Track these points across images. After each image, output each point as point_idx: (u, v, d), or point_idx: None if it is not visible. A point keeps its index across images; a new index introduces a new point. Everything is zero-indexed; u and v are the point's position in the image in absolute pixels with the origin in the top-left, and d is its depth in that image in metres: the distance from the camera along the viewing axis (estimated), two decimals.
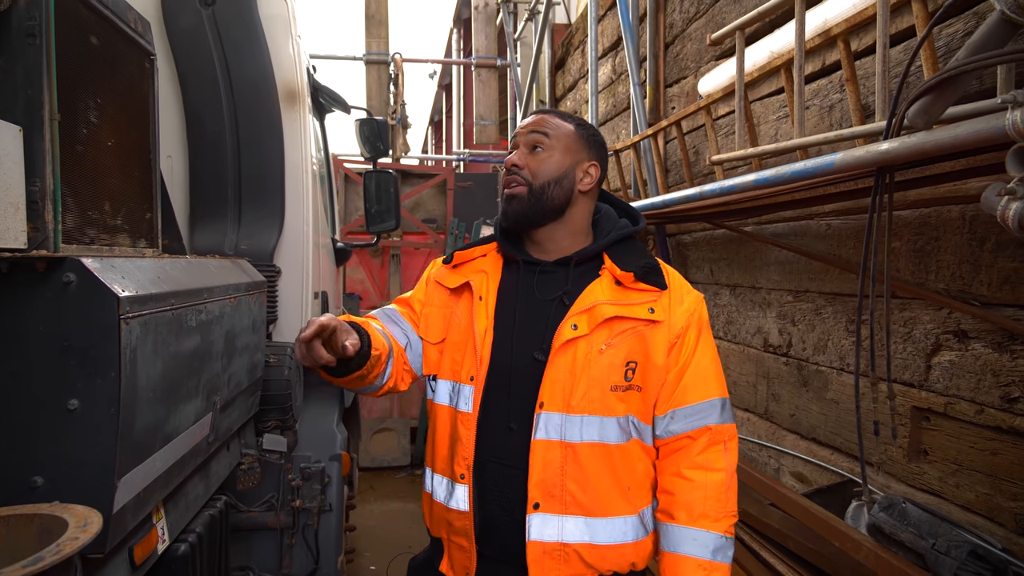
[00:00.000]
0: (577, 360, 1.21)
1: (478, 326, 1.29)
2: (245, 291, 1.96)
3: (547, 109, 1.38)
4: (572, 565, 1.21)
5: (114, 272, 1.20)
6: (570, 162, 1.29)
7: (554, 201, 1.28)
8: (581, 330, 1.21)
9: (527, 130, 1.31)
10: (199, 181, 2.60)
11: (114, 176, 1.62)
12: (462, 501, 1.27)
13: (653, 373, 1.23)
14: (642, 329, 1.22)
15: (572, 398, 1.21)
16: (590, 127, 1.35)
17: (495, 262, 1.37)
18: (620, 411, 1.22)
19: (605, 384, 1.21)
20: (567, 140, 1.30)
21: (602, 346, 1.21)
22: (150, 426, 1.29)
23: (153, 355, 1.28)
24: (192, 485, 1.73)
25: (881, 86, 1.59)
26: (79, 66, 1.44)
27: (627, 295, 1.24)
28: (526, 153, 1.30)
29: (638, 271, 1.24)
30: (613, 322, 1.22)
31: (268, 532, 2.51)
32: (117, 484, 1.16)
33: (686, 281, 1.32)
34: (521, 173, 1.28)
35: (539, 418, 1.21)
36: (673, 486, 1.23)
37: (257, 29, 2.67)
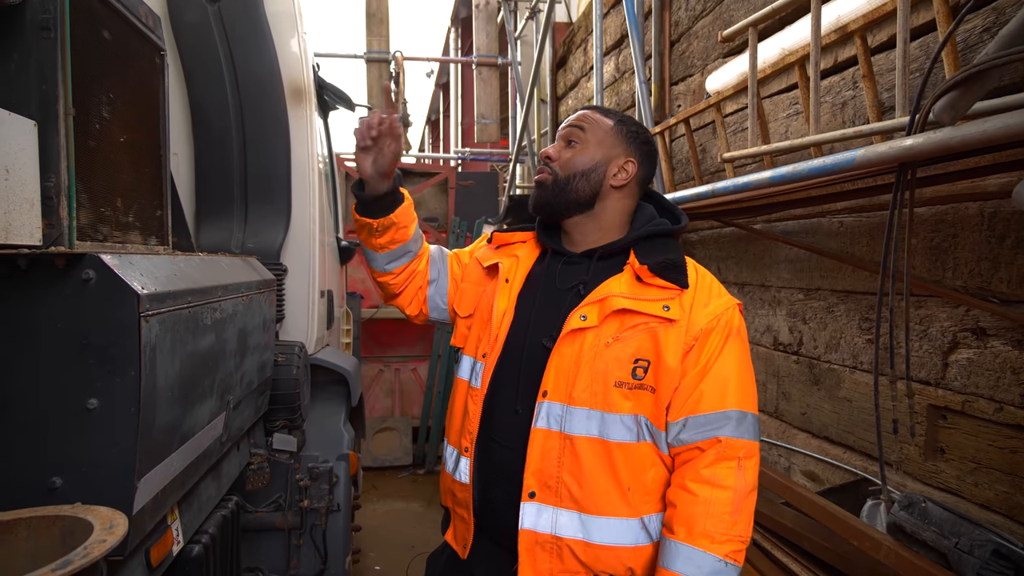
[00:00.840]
0: (584, 351, 1.19)
1: (498, 307, 1.30)
2: (256, 289, 1.94)
3: (594, 105, 1.38)
4: (565, 561, 1.18)
5: (133, 269, 1.19)
6: (602, 156, 1.28)
7: (579, 193, 1.27)
8: (590, 321, 1.19)
9: (567, 124, 1.32)
10: (205, 178, 2.58)
11: (126, 172, 1.60)
12: (464, 473, 1.28)
13: (666, 375, 1.17)
14: (655, 326, 1.18)
15: (575, 389, 1.18)
16: (635, 125, 1.33)
17: (532, 249, 1.38)
18: (626, 408, 1.18)
19: (608, 378, 1.18)
20: (602, 134, 1.29)
21: (610, 339, 1.19)
22: (168, 426, 1.27)
23: (171, 353, 1.26)
24: (205, 486, 1.72)
25: (901, 82, 1.57)
26: (92, 60, 1.42)
27: (643, 290, 1.21)
28: (561, 146, 1.31)
29: (654, 265, 1.21)
30: (624, 315, 1.19)
31: (276, 532, 2.49)
32: (137, 485, 1.14)
33: (720, 286, 1.27)
34: (551, 164, 1.30)
35: (541, 406, 1.20)
36: (676, 498, 1.17)
37: (263, 25, 2.65)
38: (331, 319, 3.22)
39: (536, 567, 1.19)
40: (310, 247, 2.75)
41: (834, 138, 1.81)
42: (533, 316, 1.28)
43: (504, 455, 1.25)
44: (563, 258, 1.31)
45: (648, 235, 1.28)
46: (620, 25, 4.68)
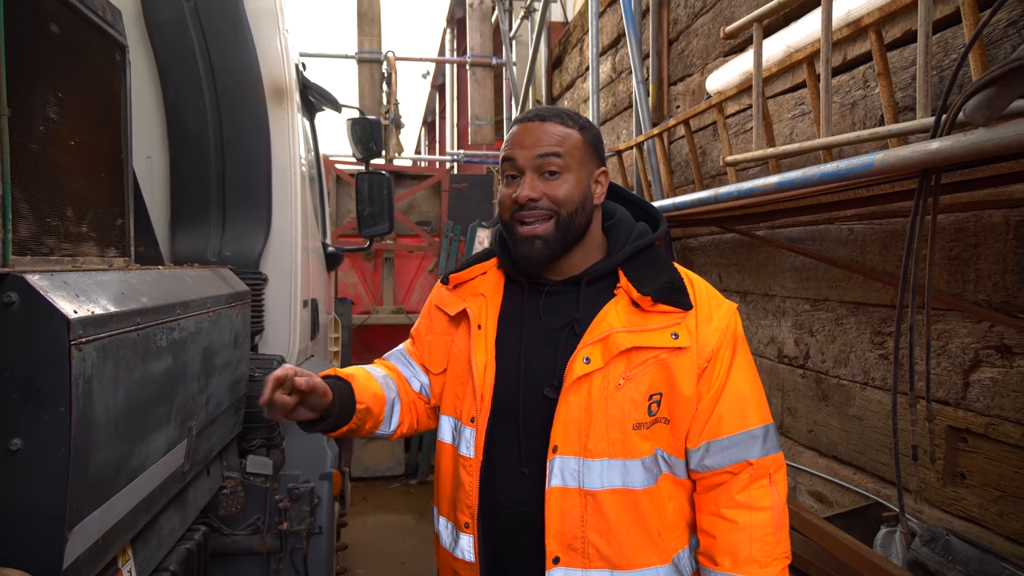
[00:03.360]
0: (593, 397, 1.07)
1: (476, 361, 1.16)
2: (226, 303, 1.80)
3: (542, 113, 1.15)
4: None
5: (66, 289, 1.05)
6: (586, 178, 1.13)
7: (579, 228, 1.13)
8: (595, 363, 1.07)
9: (532, 153, 1.10)
10: (180, 183, 2.45)
11: (78, 178, 1.47)
12: (468, 552, 1.16)
13: (681, 404, 1.09)
14: (665, 357, 1.08)
15: (589, 440, 1.07)
16: (590, 124, 1.17)
17: (496, 281, 1.22)
18: (645, 451, 1.08)
19: (626, 423, 1.07)
20: (579, 154, 1.12)
21: (620, 380, 1.07)
22: (110, 464, 1.13)
23: (113, 383, 1.12)
24: (166, 519, 1.58)
25: (923, 79, 1.44)
26: (35, 56, 1.28)
27: (646, 319, 1.09)
28: (537, 180, 1.10)
29: (656, 293, 1.09)
30: (631, 353, 1.08)
31: (254, 557, 2.35)
32: (68, 536, 1.00)
33: (714, 290, 1.16)
34: (541, 204, 1.09)
35: (553, 463, 1.08)
36: (714, 527, 1.09)
37: (242, 22, 2.53)
38: (316, 329, 3.09)
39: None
40: (292, 254, 2.62)
41: (848, 141, 1.68)
42: (524, 363, 1.14)
43: (514, 520, 1.13)
44: (544, 288, 1.16)
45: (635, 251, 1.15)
46: (617, 24, 4.55)
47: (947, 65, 1.82)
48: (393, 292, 5.99)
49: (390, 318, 5.84)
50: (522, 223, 1.11)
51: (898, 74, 1.99)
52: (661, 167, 3.30)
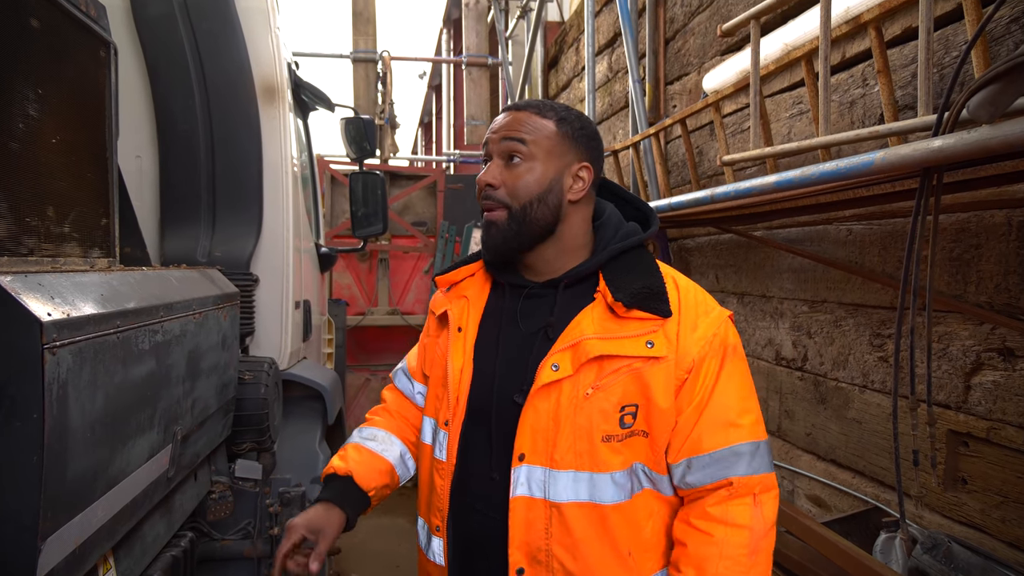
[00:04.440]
0: (562, 406, 1.02)
1: (453, 364, 1.13)
2: (213, 305, 1.76)
3: (520, 104, 1.13)
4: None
5: (41, 291, 1.01)
6: (555, 170, 1.08)
7: (540, 222, 1.08)
8: (564, 370, 1.02)
9: (499, 136, 1.09)
10: (170, 183, 2.42)
11: (60, 177, 1.43)
12: (438, 554, 1.14)
13: (658, 417, 1.02)
14: (639, 367, 1.01)
15: (556, 450, 1.02)
16: (576, 118, 1.12)
17: (482, 283, 1.19)
18: (616, 465, 1.02)
19: (594, 434, 1.02)
20: (548, 143, 1.08)
21: (588, 389, 1.02)
22: (87, 472, 1.09)
23: (91, 388, 1.08)
24: (150, 526, 1.54)
25: (924, 76, 1.41)
26: (14, 53, 1.25)
27: (621, 326, 1.03)
28: (501, 167, 1.09)
29: (630, 298, 1.03)
30: (603, 361, 1.02)
31: (244, 562, 2.31)
32: (41, 547, 0.96)
33: (705, 296, 1.09)
34: (496, 195, 1.08)
35: (519, 472, 1.04)
36: (686, 537, 1.03)
37: (233, 20, 2.50)
38: (308, 330, 3.05)
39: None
40: (284, 255, 2.58)
41: (847, 139, 1.65)
42: (498, 367, 1.10)
43: (484, 524, 1.09)
44: (523, 291, 1.13)
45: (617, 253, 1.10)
46: (613, 23, 4.52)
47: (948, 63, 1.79)
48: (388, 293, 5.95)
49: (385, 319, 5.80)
50: (484, 208, 1.10)
51: (898, 72, 1.96)
52: (657, 167, 3.27)
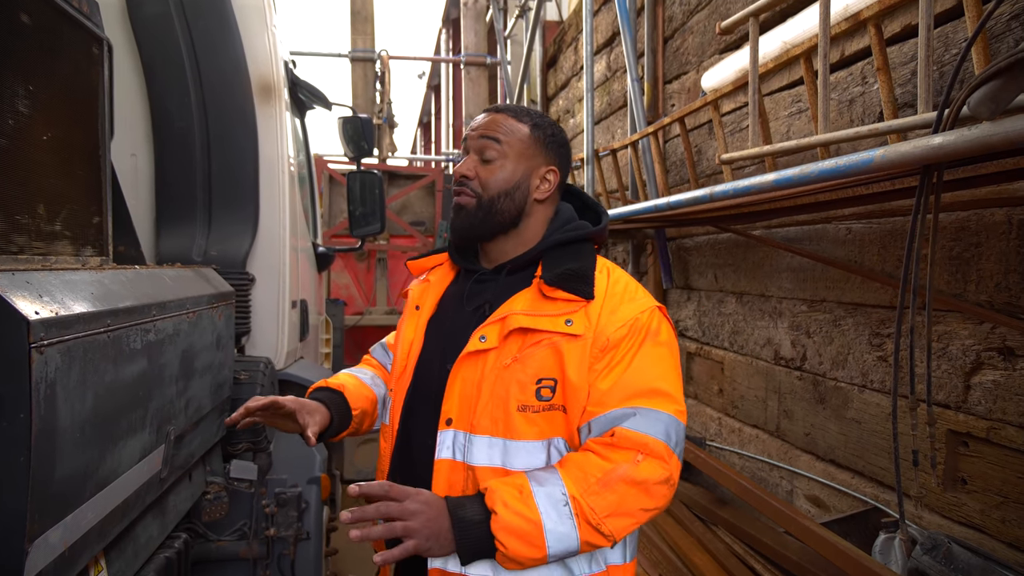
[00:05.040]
0: (485, 375, 1.10)
1: (404, 337, 1.25)
2: (207, 304, 1.75)
3: (500, 107, 1.25)
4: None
5: (28, 289, 0.99)
6: (524, 170, 1.19)
7: (504, 214, 1.18)
8: (490, 342, 1.10)
9: (477, 134, 1.20)
10: (165, 181, 2.40)
11: (51, 175, 1.41)
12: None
13: (572, 393, 1.07)
14: (557, 341, 1.08)
15: (475, 416, 1.10)
16: (549, 125, 1.23)
17: (446, 271, 1.31)
18: (531, 435, 1.08)
19: (510, 403, 1.08)
20: (521, 145, 1.19)
21: (508, 360, 1.09)
22: (77, 473, 1.08)
23: (80, 387, 1.07)
24: (143, 527, 1.52)
25: (924, 73, 1.40)
26: (4, 48, 1.23)
27: (546, 305, 1.11)
28: (477, 161, 1.20)
29: (553, 278, 1.12)
30: (526, 334, 1.09)
31: (240, 563, 2.30)
32: (28, 549, 0.95)
33: (638, 290, 1.15)
34: (470, 184, 1.19)
35: (445, 435, 1.12)
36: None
37: (229, 18, 2.48)
38: (306, 330, 3.03)
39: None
40: (280, 254, 2.57)
41: (847, 137, 1.64)
42: (444, 342, 1.19)
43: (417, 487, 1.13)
44: (474, 276, 1.23)
45: (560, 243, 1.18)
46: (612, 22, 4.51)
47: (947, 60, 1.78)
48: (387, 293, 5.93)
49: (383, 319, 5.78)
50: (456, 194, 1.21)
51: (897, 70, 1.95)
52: (656, 166, 3.26)
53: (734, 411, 3.05)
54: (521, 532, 0.97)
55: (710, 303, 3.27)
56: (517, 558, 0.98)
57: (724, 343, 3.14)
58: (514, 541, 0.97)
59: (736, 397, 3.02)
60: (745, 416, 2.95)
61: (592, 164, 3.71)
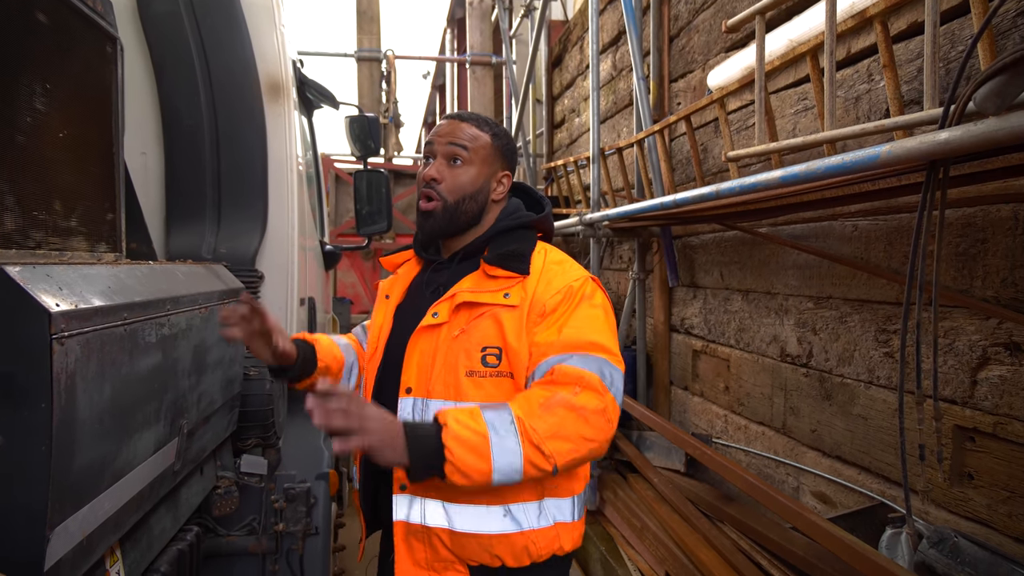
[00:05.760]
0: (439, 346, 1.23)
1: (375, 322, 1.41)
2: (219, 300, 1.77)
3: (464, 115, 1.36)
4: (436, 549, 1.22)
5: (48, 282, 1.01)
6: (486, 175, 1.32)
7: (468, 215, 1.31)
8: (441, 317, 1.24)
9: (445, 140, 1.31)
10: (175, 179, 2.42)
11: (67, 172, 1.43)
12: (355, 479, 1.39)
13: (515, 358, 1.20)
14: (497, 312, 1.22)
15: (430, 383, 1.23)
16: (505, 136, 1.36)
17: (414, 263, 1.45)
18: (476, 398, 1.20)
19: (459, 369, 1.21)
20: (484, 152, 1.32)
21: (456, 331, 1.23)
22: (94, 462, 1.09)
23: (98, 379, 1.09)
24: (156, 519, 1.54)
25: (930, 70, 1.41)
26: (21, 47, 1.25)
27: (488, 283, 1.25)
28: (444, 165, 1.30)
29: (492, 257, 1.26)
30: (471, 308, 1.23)
31: (249, 557, 2.32)
32: (49, 536, 0.97)
33: (571, 265, 1.28)
34: (438, 188, 1.29)
35: (404, 403, 1.25)
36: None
37: (238, 17, 2.50)
38: (313, 328, 3.05)
39: (413, 556, 1.23)
40: (289, 252, 2.59)
41: (853, 134, 1.65)
42: (405, 324, 1.31)
43: None
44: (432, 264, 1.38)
45: (504, 230, 1.32)
46: (617, 21, 4.52)
47: (954, 57, 1.78)
48: None
49: None
50: (424, 198, 1.31)
51: (903, 67, 1.96)
52: (662, 164, 3.27)
53: (740, 408, 3.06)
54: (469, 443, 1.05)
55: (716, 301, 3.28)
56: (464, 469, 1.05)
57: (730, 340, 3.15)
58: (462, 450, 1.05)
59: (742, 394, 3.03)
60: (751, 413, 2.96)
61: (598, 163, 3.72)
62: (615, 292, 4.81)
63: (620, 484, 3.49)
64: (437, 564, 1.22)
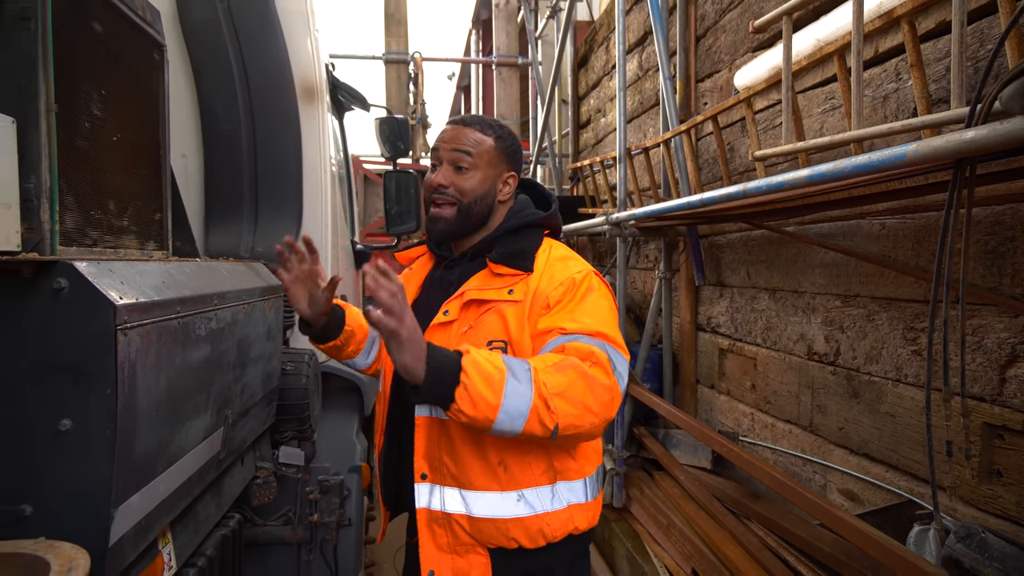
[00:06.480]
0: (450, 342, 1.28)
1: None
2: (260, 296, 1.84)
3: (467, 119, 1.40)
4: (457, 534, 1.28)
5: (112, 277, 1.08)
6: (492, 177, 1.37)
7: (478, 216, 1.37)
8: (451, 315, 1.30)
9: (450, 147, 1.35)
10: (214, 181, 2.50)
11: (120, 173, 1.51)
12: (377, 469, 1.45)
13: (520, 350, 1.26)
14: (502, 308, 1.28)
15: None
16: (508, 137, 1.40)
17: (427, 260, 1.51)
18: None
19: None
20: (488, 156, 1.36)
21: (465, 328, 1.29)
22: (152, 447, 1.16)
23: (155, 368, 1.16)
24: (203, 505, 1.62)
25: (958, 69, 1.43)
26: (80, 54, 1.32)
27: (494, 280, 1.31)
28: (451, 171, 1.35)
29: (497, 256, 1.32)
30: (479, 305, 1.30)
31: (285, 547, 2.39)
32: (113, 514, 1.03)
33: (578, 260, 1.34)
34: (447, 192, 1.34)
35: None
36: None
37: (274, 23, 2.57)
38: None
39: (436, 541, 1.29)
40: (322, 251, 2.65)
41: (880, 133, 1.66)
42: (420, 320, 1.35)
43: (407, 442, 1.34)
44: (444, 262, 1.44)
45: (512, 229, 1.37)
46: (643, 21, 4.54)
47: (983, 56, 1.79)
48: None
49: None
50: (434, 204, 1.36)
51: (931, 66, 1.96)
52: (689, 164, 3.29)
53: (767, 407, 3.07)
54: (486, 373, 1.07)
55: (743, 300, 3.29)
56: (474, 397, 1.06)
57: (757, 339, 3.16)
58: (478, 378, 1.06)
59: (769, 393, 3.04)
60: (778, 412, 2.97)
61: (625, 162, 3.75)
62: (641, 291, 4.82)
63: (646, 482, 3.52)
64: (459, 548, 1.28)
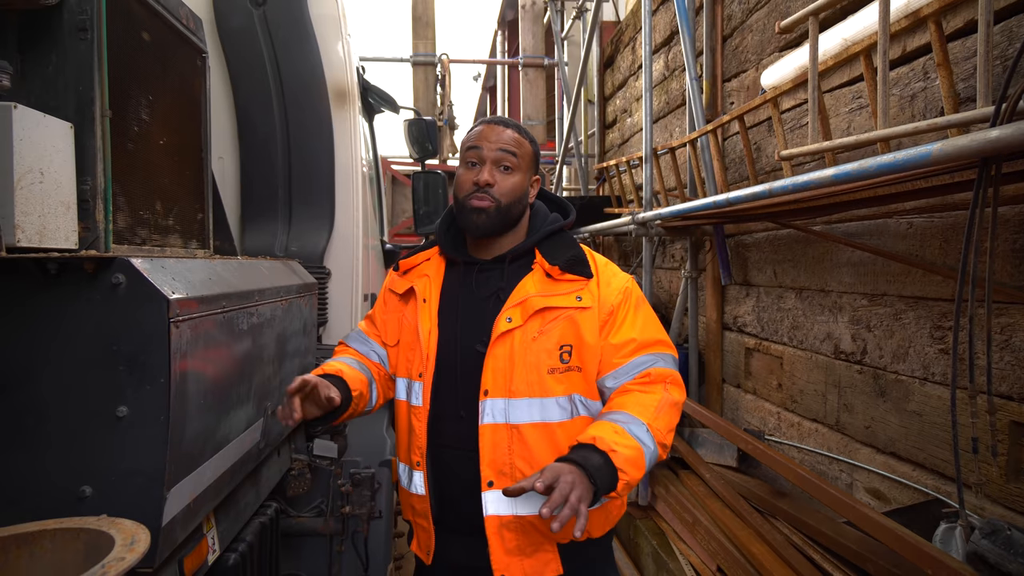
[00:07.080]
0: (515, 349, 1.32)
1: (423, 327, 1.42)
2: (296, 293, 1.91)
3: (504, 120, 1.44)
4: (530, 535, 1.31)
5: (164, 273, 1.15)
6: (528, 180, 1.42)
7: (515, 216, 1.41)
8: (515, 322, 1.32)
9: (495, 147, 1.38)
10: (250, 182, 2.59)
11: (166, 175, 1.59)
12: (419, 486, 1.40)
13: (588, 352, 1.33)
14: (571, 314, 1.33)
15: (512, 383, 1.32)
16: (535, 142, 1.46)
17: (439, 265, 1.49)
18: (559, 391, 1.33)
19: (542, 368, 1.32)
20: (527, 158, 1.41)
21: (535, 334, 1.32)
22: (200, 434, 1.23)
23: (204, 360, 1.22)
24: (243, 493, 1.68)
25: (984, 68, 1.44)
26: (130, 62, 1.40)
27: (556, 286, 1.36)
28: (495, 170, 1.38)
29: (564, 264, 1.37)
30: (545, 312, 1.33)
31: (318, 538, 2.46)
32: (166, 496, 1.10)
33: (613, 265, 1.43)
34: (491, 191, 1.37)
35: (484, 404, 1.33)
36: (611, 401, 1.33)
37: (307, 28, 2.65)
38: None
39: (505, 546, 1.31)
40: (353, 250, 2.73)
41: (905, 132, 1.68)
42: (460, 327, 1.39)
43: (455, 456, 1.36)
44: (475, 267, 1.43)
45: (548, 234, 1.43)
46: (670, 22, 4.55)
47: (1011, 55, 1.79)
48: None
49: None
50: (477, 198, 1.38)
51: (959, 65, 1.96)
52: (715, 163, 3.30)
53: (793, 405, 3.07)
54: (632, 460, 1.20)
55: (769, 299, 3.29)
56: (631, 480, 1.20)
57: (783, 338, 3.16)
58: (630, 467, 1.19)
59: (795, 392, 3.04)
60: (804, 410, 2.97)
61: (651, 162, 3.77)
62: (667, 290, 4.83)
63: (671, 480, 3.53)
64: (528, 548, 1.32)
